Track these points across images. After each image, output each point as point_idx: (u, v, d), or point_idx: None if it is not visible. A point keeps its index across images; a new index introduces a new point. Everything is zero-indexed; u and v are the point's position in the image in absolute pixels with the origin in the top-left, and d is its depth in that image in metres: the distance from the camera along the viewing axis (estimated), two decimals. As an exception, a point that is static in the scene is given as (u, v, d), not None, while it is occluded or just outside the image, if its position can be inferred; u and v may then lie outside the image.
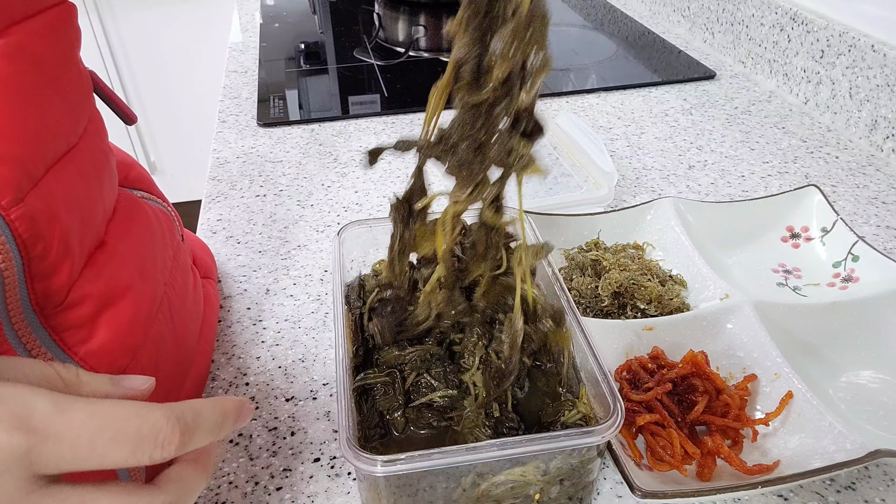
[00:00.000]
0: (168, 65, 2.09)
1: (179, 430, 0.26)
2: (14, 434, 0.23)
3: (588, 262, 0.61)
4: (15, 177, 0.32)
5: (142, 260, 0.43)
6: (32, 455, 0.23)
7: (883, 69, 0.81)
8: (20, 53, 0.33)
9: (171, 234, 0.49)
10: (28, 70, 0.34)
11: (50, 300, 0.35)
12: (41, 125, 0.34)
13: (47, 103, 0.35)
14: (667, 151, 0.85)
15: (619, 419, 0.36)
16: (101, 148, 0.41)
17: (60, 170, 0.36)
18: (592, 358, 0.40)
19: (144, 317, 0.42)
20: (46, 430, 0.24)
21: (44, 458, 0.24)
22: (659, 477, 0.43)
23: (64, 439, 0.24)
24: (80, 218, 0.37)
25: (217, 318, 0.58)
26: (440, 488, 0.38)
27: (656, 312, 0.56)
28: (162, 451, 0.26)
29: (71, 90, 0.38)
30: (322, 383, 0.53)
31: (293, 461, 0.47)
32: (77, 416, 0.24)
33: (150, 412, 0.26)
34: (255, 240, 0.70)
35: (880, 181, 0.78)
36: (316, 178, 0.80)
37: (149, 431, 0.25)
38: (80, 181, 0.38)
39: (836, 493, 0.44)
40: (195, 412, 0.28)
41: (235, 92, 1.03)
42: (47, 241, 0.34)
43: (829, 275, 0.61)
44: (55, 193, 0.35)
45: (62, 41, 0.38)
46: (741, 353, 0.51)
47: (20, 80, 0.33)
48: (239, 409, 0.31)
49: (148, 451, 0.26)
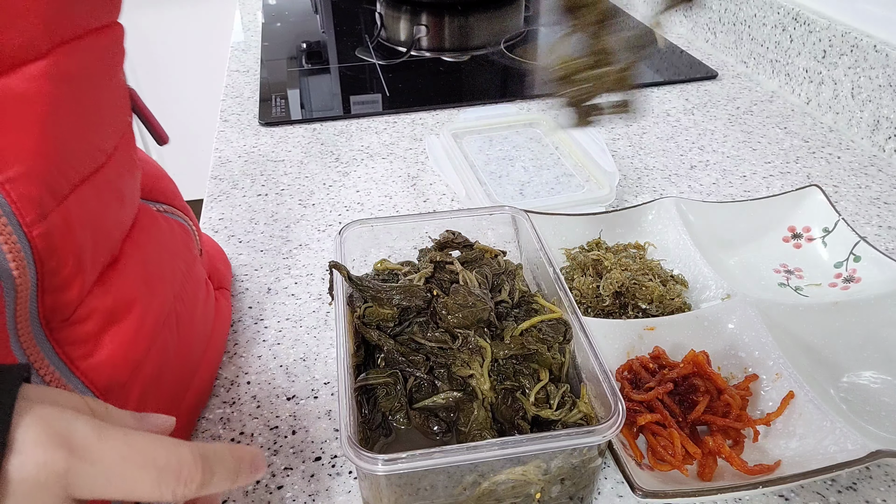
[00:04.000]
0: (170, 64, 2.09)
1: (201, 470, 0.27)
2: (57, 453, 0.24)
3: (589, 262, 0.61)
4: (41, 195, 0.32)
5: (150, 275, 0.42)
6: (70, 476, 0.24)
7: (885, 69, 0.81)
8: (64, 74, 0.33)
9: (186, 248, 0.49)
10: (70, 90, 0.34)
11: (57, 314, 0.35)
12: (74, 145, 0.34)
13: (84, 123, 0.35)
14: (668, 151, 0.85)
15: (620, 419, 0.36)
16: (127, 167, 0.41)
17: (86, 189, 0.36)
18: (594, 357, 0.40)
19: (149, 331, 0.41)
20: (85, 453, 0.24)
21: (80, 480, 0.24)
22: (660, 477, 0.43)
23: (100, 463, 0.24)
24: (96, 236, 0.37)
25: (227, 331, 0.57)
26: (441, 487, 0.38)
27: (657, 312, 0.56)
28: (184, 487, 0.26)
29: (109, 109, 0.38)
30: (323, 382, 0.53)
31: (294, 460, 0.47)
32: (113, 443, 0.25)
33: (178, 447, 0.27)
34: (257, 239, 0.70)
35: (882, 181, 0.78)
36: (317, 177, 0.80)
37: (175, 466, 0.26)
38: (102, 200, 0.38)
39: (837, 493, 0.44)
40: (217, 455, 0.28)
41: (237, 91, 1.03)
42: (62, 257, 0.34)
43: (831, 275, 0.61)
44: (77, 212, 0.35)
45: (107, 62, 0.38)
46: (742, 353, 0.51)
47: (61, 100, 0.33)
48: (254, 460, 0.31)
49: (171, 485, 0.26)
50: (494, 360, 0.43)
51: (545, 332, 0.44)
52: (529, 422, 0.40)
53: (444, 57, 1.14)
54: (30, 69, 0.31)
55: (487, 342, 0.43)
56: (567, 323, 0.45)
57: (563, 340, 0.44)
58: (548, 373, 0.43)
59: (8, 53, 0.30)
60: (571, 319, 0.44)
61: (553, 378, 0.43)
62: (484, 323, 0.44)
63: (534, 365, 0.43)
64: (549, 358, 0.43)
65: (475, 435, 0.40)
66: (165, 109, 2.20)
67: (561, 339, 0.44)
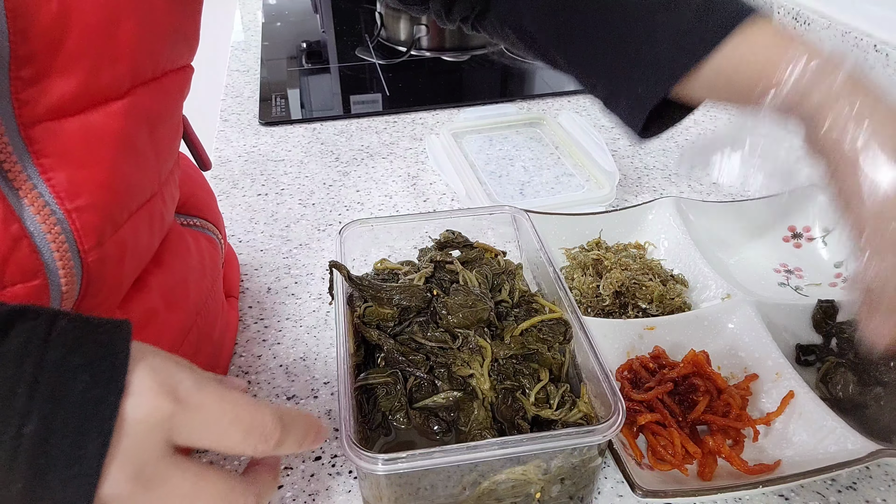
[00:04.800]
0: (170, 64, 2.09)
1: (280, 430, 0.29)
2: (164, 400, 0.26)
3: (589, 262, 0.61)
4: (102, 224, 0.34)
5: (172, 291, 0.43)
6: (174, 421, 0.26)
7: (886, 69, 0.81)
8: (138, 112, 0.35)
9: (212, 263, 0.50)
10: (140, 127, 0.35)
11: None
12: (137, 177, 0.36)
13: (146, 157, 0.37)
14: (669, 151, 0.85)
15: (620, 418, 0.36)
16: (171, 195, 0.43)
17: (137, 217, 0.37)
18: (594, 357, 0.40)
19: (167, 346, 0.42)
20: (188, 402, 0.27)
21: (181, 426, 0.26)
22: (660, 476, 0.43)
23: (199, 413, 0.27)
24: (135, 259, 0.39)
25: (234, 341, 0.57)
26: (441, 487, 0.38)
27: (658, 312, 0.56)
28: (265, 444, 0.29)
29: (167, 141, 0.40)
30: (323, 382, 0.53)
31: (294, 459, 0.47)
32: (211, 396, 0.28)
33: (262, 407, 0.29)
34: (257, 238, 0.70)
35: (882, 181, 0.78)
36: (317, 177, 0.80)
37: (259, 424, 0.28)
38: (147, 227, 0.39)
39: (837, 492, 0.44)
40: (293, 419, 0.30)
41: (237, 91, 1.03)
42: (106, 280, 0.35)
43: (831, 275, 0.61)
44: (128, 239, 0.36)
45: (175, 100, 0.40)
46: (742, 353, 0.51)
47: (131, 136, 0.35)
48: (319, 428, 0.32)
49: (253, 441, 0.28)
50: (494, 360, 0.43)
51: (545, 332, 0.44)
52: (529, 422, 0.40)
53: (444, 57, 1.14)
54: (111, 107, 0.33)
55: (487, 342, 0.43)
56: (567, 323, 0.45)
57: (563, 340, 0.44)
58: (548, 373, 0.43)
59: (97, 93, 0.32)
60: (571, 319, 0.44)
61: (553, 378, 0.43)
62: (484, 323, 0.44)
63: (534, 365, 0.43)
64: (549, 358, 0.43)
65: (475, 435, 0.40)
66: (165, 109, 2.20)
67: (561, 338, 0.44)
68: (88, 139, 0.32)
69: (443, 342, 0.43)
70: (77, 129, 0.31)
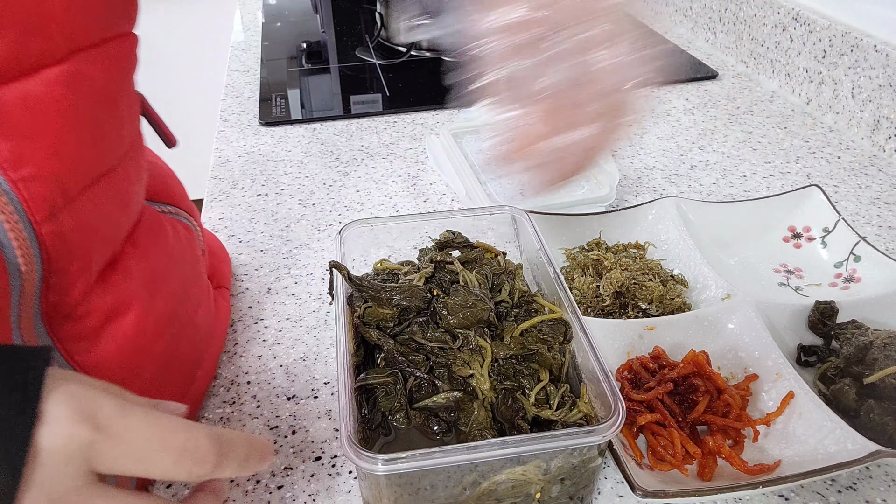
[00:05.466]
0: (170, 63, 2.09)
1: (215, 453, 0.28)
2: (82, 427, 0.25)
3: (589, 262, 0.61)
4: (52, 195, 0.33)
5: (153, 277, 0.43)
6: (93, 450, 0.25)
7: (885, 69, 0.81)
8: (79, 79, 0.34)
9: (190, 249, 0.49)
10: (83, 95, 0.35)
11: (59, 311, 0.36)
12: (86, 148, 0.36)
13: (96, 127, 0.36)
14: (669, 151, 0.85)
15: (620, 419, 0.36)
16: (135, 172, 0.42)
17: (96, 191, 0.37)
18: (594, 357, 0.40)
19: (151, 332, 0.42)
20: (109, 430, 0.25)
21: (102, 455, 0.25)
22: (660, 476, 0.43)
23: (122, 440, 0.26)
24: (102, 237, 0.38)
25: (225, 332, 0.57)
26: (441, 487, 0.38)
27: (658, 312, 0.56)
28: (199, 468, 0.27)
29: (121, 115, 0.39)
30: (323, 382, 0.53)
31: (294, 460, 0.47)
32: (136, 422, 0.26)
33: (194, 429, 0.28)
34: (257, 239, 0.70)
35: (882, 181, 0.78)
36: (317, 177, 0.80)
37: (192, 447, 0.27)
38: (111, 203, 0.39)
39: (837, 493, 0.44)
40: (231, 441, 0.29)
41: (237, 91, 1.03)
42: (70, 256, 0.35)
43: (831, 275, 0.61)
44: (86, 213, 0.36)
45: (120, 69, 0.39)
46: (742, 353, 0.51)
47: (75, 105, 0.34)
48: (263, 449, 0.31)
49: (187, 465, 0.27)
50: (494, 361, 0.43)
51: (545, 332, 0.44)
52: (529, 422, 0.40)
53: (444, 57, 1.14)
54: (48, 74, 0.32)
55: (488, 342, 0.43)
56: (567, 323, 0.45)
57: (563, 340, 0.44)
58: (548, 373, 0.43)
59: (29, 58, 0.31)
60: (571, 319, 0.44)
61: (553, 378, 0.43)
62: (484, 323, 0.44)
63: (534, 365, 0.43)
64: (549, 358, 0.43)
65: (475, 435, 0.40)
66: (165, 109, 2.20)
67: (561, 339, 0.44)
68: (29, 108, 0.32)
69: (443, 342, 0.43)
70: (16, 98, 0.31)
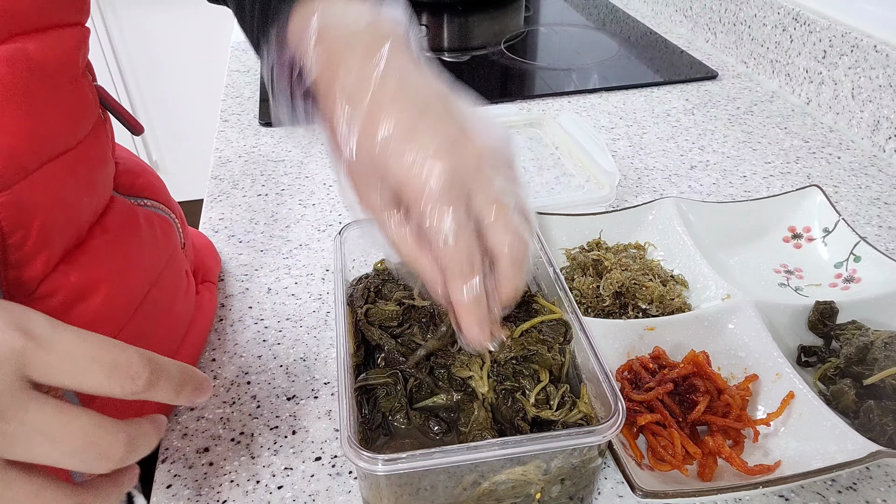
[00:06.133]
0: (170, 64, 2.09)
1: (149, 370, 0.28)
2: (13, 334, 0.26)
3: (589, 262, 0.61)
4: (4, 169, 0.34)
5: (123, 260, 0.44)
6: (26, 356, 0.26)
7: (885, 69, 0.81)
8: (22, 59, 0.36)
9: (167, 239, 0.51)
10: (28, 75, 0.36)
11: (21, 288, 0.37)
12: (37, 125, 0.37)
13: (46, 107, 0.38)
14: (669, 151, 0.85)
15: (620, 419, 0.36)
16: (100, 155, 0.44)
17: (54, 168, 0.38)
18: (594, 357, 0.40)
19: (120, 312, 0.44)
20: (41, 338, 0.27)
21: (35, 362, 0.26)
22: (660, 477, 0.43)
23: (54, 350, 0.27)
24: (64, 215, 0.39)
25: (210, 325, 0.58)
26: (441, 487, 0.38)
27: (658, 312, 0.56)
28: (132, 383, 0.28)
29: (73, 100, 0.41)
30: (323, 382, 0.53)
31: (294, 460, 0.47)
32: (67, 335, 0.27)
33: (126, 347, 0.29)
34: (257, 239, 0.70)
35: (882, 182, 0.78)
36: (318, 177, 0.80)
37: (124, 362, 0.28)
38: (72, 181, 0.40)
39: (837, 493, 0.44)
40: (164, 364, 0.30)
41: (237, 91, 1.03)
42: (27, 230, 0.36)
43: (831, 275, 0.61)
44: (44, 188, 0.37)
45: (68, 56, 0.40)
46: (742, 354, 0.51)
47: (19, 83, 0.35)
48: (200, 382, 0.32)
49: (120, 380, 0.28)
50: (494, 361, 0.43)
51: (545, 333, 0.44)
52: (529, 422, 0.40)
53: (444, 57, 1.14)
54: None
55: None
56: (567, 323, 0.45)
57: (564, 341, 0.44)
58: (548, 373, 0.43)
59: None
60: (571, 319, 0.44)
61: (553, 378, 0.43)
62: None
63: (534, 366, 0.43)
64: (549, 359, 0.43)
65: (475, 435, 0.39)
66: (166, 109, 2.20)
67: (561, 339, 0.44)
68: None
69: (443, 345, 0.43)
70: None
